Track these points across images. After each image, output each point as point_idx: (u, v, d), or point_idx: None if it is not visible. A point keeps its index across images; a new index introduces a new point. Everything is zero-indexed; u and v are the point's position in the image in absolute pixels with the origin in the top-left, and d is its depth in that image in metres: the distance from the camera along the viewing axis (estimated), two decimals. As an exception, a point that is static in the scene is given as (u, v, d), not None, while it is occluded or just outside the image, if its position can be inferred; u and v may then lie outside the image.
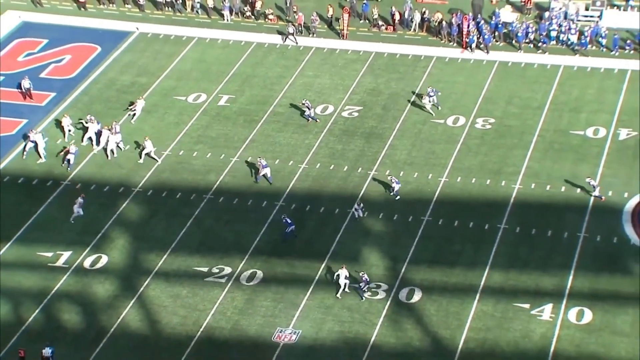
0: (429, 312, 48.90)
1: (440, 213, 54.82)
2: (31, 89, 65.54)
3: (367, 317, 48.71)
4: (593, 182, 55.01)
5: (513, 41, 69.54)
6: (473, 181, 57.15)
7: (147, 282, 51.22)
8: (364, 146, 60.32)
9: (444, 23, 70.38)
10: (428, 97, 62.60)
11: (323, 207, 55.61)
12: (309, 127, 62.09)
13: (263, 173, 57.10)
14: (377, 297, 49.68)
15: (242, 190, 57.13)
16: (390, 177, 56.25)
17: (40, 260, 52.82)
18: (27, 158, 59.84)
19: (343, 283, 49.60)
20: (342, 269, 49.80)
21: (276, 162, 58.63)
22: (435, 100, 62.66)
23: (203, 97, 65.50)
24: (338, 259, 51.54)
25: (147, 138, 59.72)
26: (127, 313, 49.56)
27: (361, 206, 54.61)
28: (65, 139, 61.25)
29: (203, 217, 55.32)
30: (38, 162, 59.62)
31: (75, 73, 68.36)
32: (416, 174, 57.75)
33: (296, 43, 70.91)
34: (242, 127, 62.40)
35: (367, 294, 49.54)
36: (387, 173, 57.25)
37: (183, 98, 65.48)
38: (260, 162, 57.14)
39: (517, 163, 58.36)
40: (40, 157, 59.75)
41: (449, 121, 62.18)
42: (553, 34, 69.22)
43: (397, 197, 55.67)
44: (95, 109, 64.04)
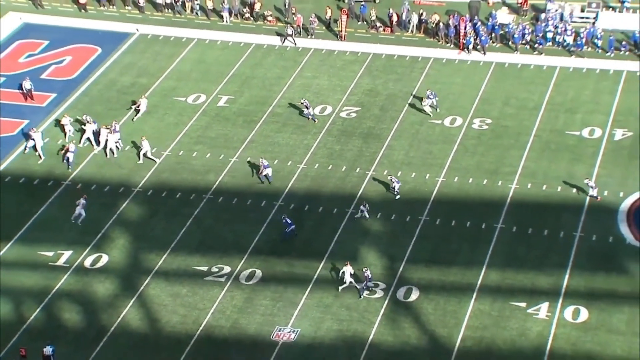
0: (427, 311, 49.05)
1: (437, 213, 54.95)
2: (32, 90, 65.63)
3: (365, 316, 48.86)
4: (592, 184, 55.06)
5: (510, 42, 69.69)
6: (470, 181, 57.29)
7: (147, 281, 51.38)
8: (362, 146, 60.47)
9: (441, 24, 70.47)
10: (427, 100, 62.74)
11: (321, 207, 55.75)
12: (308, 128, 62.29)
13: (265, 173, 57.36)
14: (375, 296, 49.81)
15: (242, 190, 57.29)
16: (390, 177, 56.35)
17: (41, 259, 52.98)
18: (29, 159, 59.99)
19: (348, 281, 49.80)
20: (347, 266, 49.98)
21: (275, 162, 58.73)
22: (434, 102, 62.86)
23: (202, 98, 65.66)
24: (337, 259, 51.69)
25: (144, 138, 59.88)
26: (128, 312, 49.73)
27: (367, 207, 54.64)
28: (65, 139, 61.45)
29: (203, 217, 55.49)
30: (39, 163, 59.84)
31: (75, 74, 68.44)
32: (414, 174, 57.93)
33: (295, 44, 71.07)
34: (242, 128, 62.56)
35: (368, 292, 49.63)
36: (386, 173, 57.39)
37: (183, 99, 65.61)
38: (262, 163, 57.37)
39: (514, 163, 58.49)
40: (40, 157, 60.00)
41: (446, 122, 62.26)
42: (549, 36, 69.32)
43: (398, 197, 55.94)
44: (95, 110, 64.18)
